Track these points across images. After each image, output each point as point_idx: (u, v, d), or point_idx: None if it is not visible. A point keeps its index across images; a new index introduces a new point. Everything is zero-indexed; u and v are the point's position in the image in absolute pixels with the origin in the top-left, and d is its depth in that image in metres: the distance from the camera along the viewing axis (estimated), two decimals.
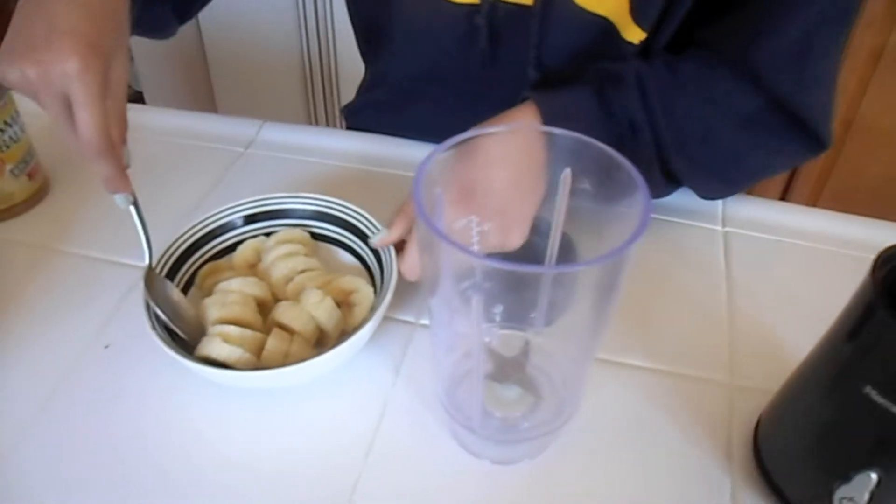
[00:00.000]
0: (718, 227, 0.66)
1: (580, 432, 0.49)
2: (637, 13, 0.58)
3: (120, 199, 0.52)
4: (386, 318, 0.56)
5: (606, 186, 0.38)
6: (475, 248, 0.44)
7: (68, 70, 0.45)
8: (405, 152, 0.74)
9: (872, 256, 0.62)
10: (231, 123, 0.79)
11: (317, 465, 0.47)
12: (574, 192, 0.40)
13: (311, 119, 1.83)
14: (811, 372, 0.42)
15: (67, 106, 0.46)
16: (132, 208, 0.53)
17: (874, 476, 0.38)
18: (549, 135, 0.38)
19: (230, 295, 0.52)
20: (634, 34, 0.60)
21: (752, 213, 0.68)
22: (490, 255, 0.33)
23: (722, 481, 0.47)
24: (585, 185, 0.39)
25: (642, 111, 0.56)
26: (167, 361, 0.47)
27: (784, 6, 0.54)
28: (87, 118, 0.46)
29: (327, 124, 1.82)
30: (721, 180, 0.63)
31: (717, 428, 0.50)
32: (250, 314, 0.52)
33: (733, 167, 0.61)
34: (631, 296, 0.54)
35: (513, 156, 0.46)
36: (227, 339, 0.49)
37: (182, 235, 0.57)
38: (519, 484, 0.46)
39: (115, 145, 0.49)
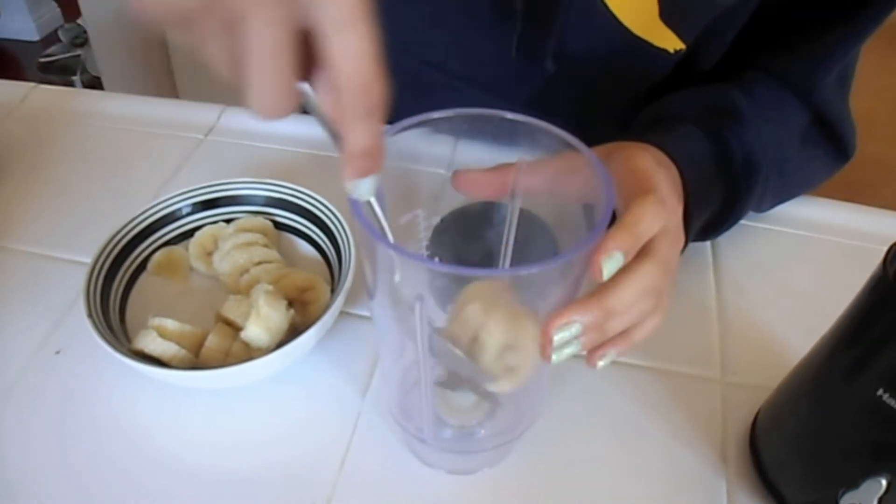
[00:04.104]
0: None
1: (564, 434, 0.46)
2: (668, 16, 0.55)
3: (364, 186, 0.32)
4: (357, 318, 0.53)
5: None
6: (423, 244, 0.41)
7: None
8: None
9: (862, 244, 0.61)
10: (190, 109, 0.74)
11: (283, 477, 0.44)
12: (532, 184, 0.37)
13: None
14: (814, 372, 0.40)
15: (296, 32, 0.28)
16: (373, 201, 0.33)
17: (884, 482, 0.36)
18: (507, 122, 0.35)
19: None
20: (668, 41, 0.57)
21: None
22: (438, 259, 0.29)
23: (717, 484, 0.45)
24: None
25: (758, 148, 0.54)
26: (126, 368, 0.44)
27: (842, 38, 0.56)
28: (354, 45, 0.28)
29: None
30: (775, 199, 0.62)
31: (710, 428, 0.48)
32: None
33: (792, 184, 0.62)
34: None
35: None
36: (162, 334, 0.46)
37: (135, 219, 0.54)
38: (491, 494, 0.44)
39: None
